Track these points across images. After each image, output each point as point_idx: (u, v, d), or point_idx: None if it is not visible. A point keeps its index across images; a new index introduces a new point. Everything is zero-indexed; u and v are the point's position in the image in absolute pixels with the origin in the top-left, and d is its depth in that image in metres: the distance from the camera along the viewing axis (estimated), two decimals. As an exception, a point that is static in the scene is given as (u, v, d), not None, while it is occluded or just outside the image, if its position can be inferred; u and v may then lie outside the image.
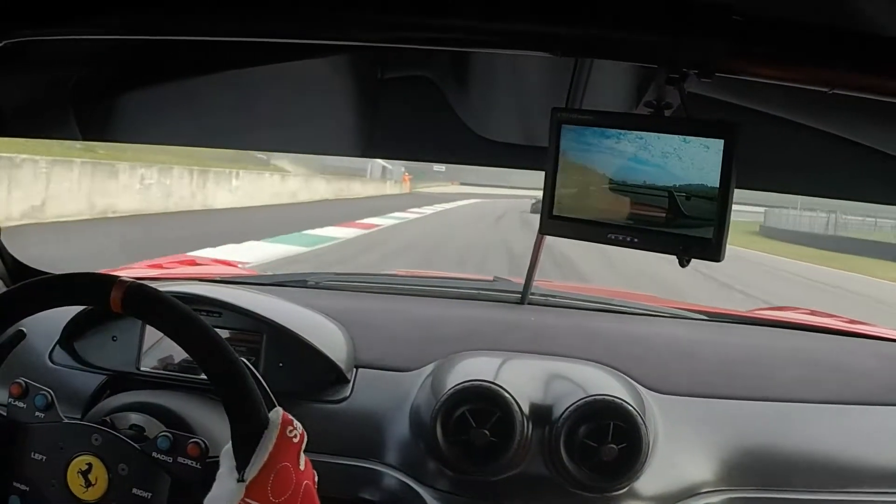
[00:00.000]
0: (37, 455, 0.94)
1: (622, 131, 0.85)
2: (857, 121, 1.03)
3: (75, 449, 0.94)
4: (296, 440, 0.88)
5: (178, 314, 0.88)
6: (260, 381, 0.94)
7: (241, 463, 0.85)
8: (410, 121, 1.28)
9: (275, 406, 0.91)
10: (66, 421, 0.96)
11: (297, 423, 0.88)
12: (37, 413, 0.96)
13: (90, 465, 0.93)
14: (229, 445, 0.88)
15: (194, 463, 0.93)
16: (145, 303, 0.89)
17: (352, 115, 1.27)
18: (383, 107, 1.22)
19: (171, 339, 0.90)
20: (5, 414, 0.96)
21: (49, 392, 0.96)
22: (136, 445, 0.94)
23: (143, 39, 0.93)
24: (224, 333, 1.36)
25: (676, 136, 0.82)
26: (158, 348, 1.39)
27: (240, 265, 2.32)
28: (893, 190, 1.22)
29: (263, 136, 1.37)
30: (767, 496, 1.26)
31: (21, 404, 0.96)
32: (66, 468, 0.93)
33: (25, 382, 0.97)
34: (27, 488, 0.94)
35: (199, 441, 0.94)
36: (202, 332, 0.88)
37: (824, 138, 1.11)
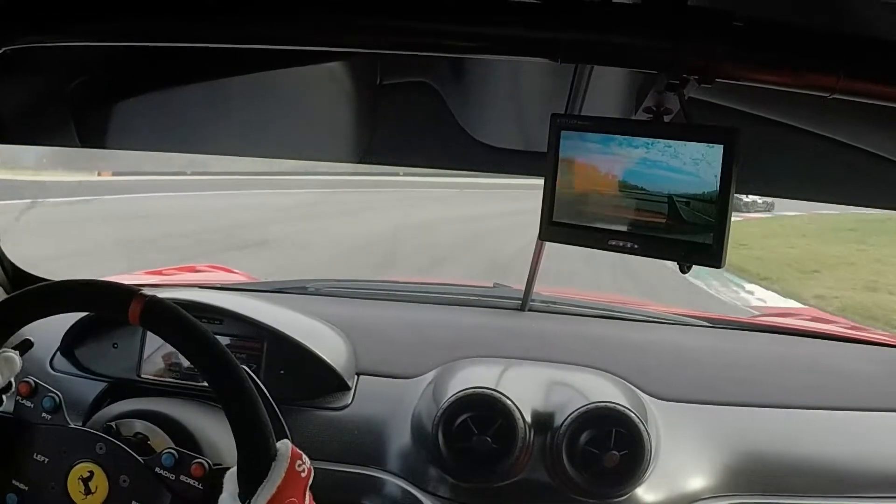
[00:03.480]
0: (39, 456, 0.94)
1: (622, 137, 0.85)
2: (858, 125, 1.03)
3: (79, 455, 0.93)
4: (304, 475, 0.87)
5: (195, 334, 0.88)
6: (273, 408, 0.94)
7: (247, 491, 0.84)
8: (410, 126, 1.28)
9: (285, 436, 0.91)
10: (71, 426, 0.96)
11: (305, 458, 0.88)
12: (43, 414, 0.96)
13: (92, 472, 0.93)
14: (234, 469, 0.87)
15: (196, 483, 0.93)
16: (163, 318, 0.88)
17: (351, 121, 1.27)
18: (382, 112, 1.22)
19: (185, 356, 0.90)
20: (11, 414, 0.96)
21: (57, 395, 0.96)
22: (139, 459, 0.94)
23: (142, 47, 0.93)
24: (225, 340, 1.36)
25: (676, 142, 0.82)
26: (159, 355, 1.39)
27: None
28: (894, 194, 1.22)
29: (262, 143, 1.37)
30: (769, 502, 1.25)
31: (28, 403, 0.96)
32: (67, 473, 0.93)
33: (35, 382, 0.97)
34: (26, 488, 0.94)
35: (204, 462, 0.93)
36: (218, 355, 0.87)
37: (825, 143, 1.11)
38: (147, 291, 0.89)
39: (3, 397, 0.98)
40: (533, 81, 1.10)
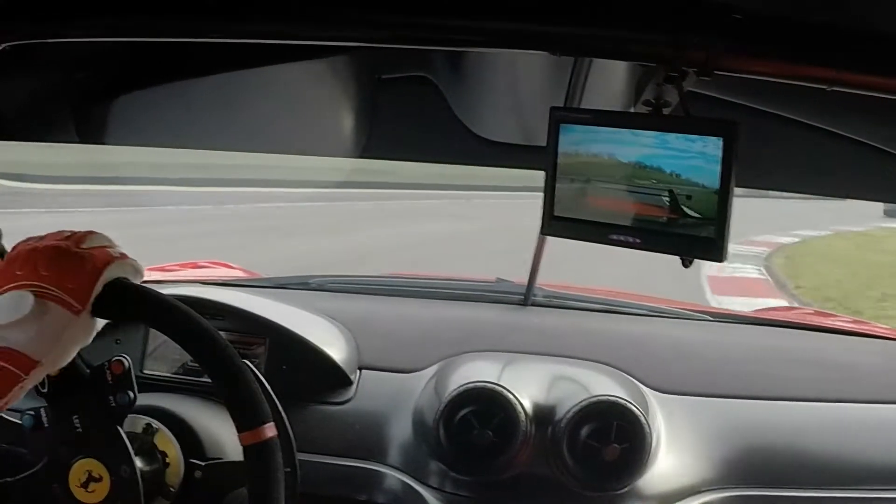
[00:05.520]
0: (77, 421, 0.91)
1: (621, 130, 0.85)
2: (858, 118, 1.03)
3: (105, 456, 0.92)
4: None
5: (273, 487, 0.82)
6: (275, 404, 0.93)
7: None
8: (409, 121, 1.27)
9: (287, 433, 0.92)
10: (120, 429, 0.93)
11: None
12: (111, 398, 0.91)
13: (101, 478, 0.92)
14: None
15: None
16: (264, 461, 0.82)
17: (350, 116, 1.27)
18: (381, 107, 1.22)
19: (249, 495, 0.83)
20: (87, 371, 0.92)
21: (135, 394, 0.92)
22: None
23: (141, 42, 0.93)
24: (227, 336, 1.37)
25: (676, 135, 0.81)
26: (162, 351, 1.40)
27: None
28: (894, 187, 1.22)
29: (262, 138, 1.37)
30: (770, 494, 1.26)
31: (110, 379, 0.91)
32: (81, 458, 0.92)
33: (130, 368, 0.92)
34: (46, 426, 0.92)
35: None
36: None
37: (825, 136, 1.10)
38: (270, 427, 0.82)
39: None
40: (532, 75, 1.09)
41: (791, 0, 0.75)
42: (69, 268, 0.78)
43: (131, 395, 0.92)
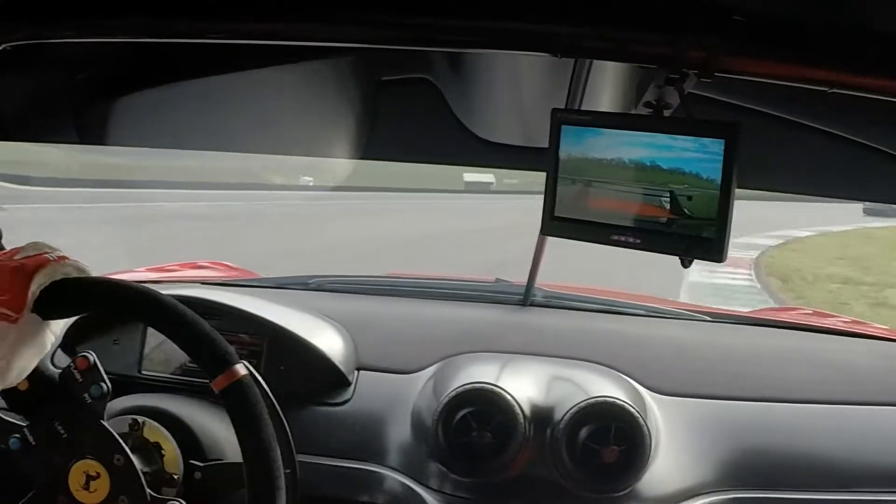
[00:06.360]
0: (60, 428, 0.92)
1: (622, 131, 0.85)
2: (859, 120, 1.03)
3: (96, 452, 0.92)
4: None
5: (265, 434, 0.82)
6: (273, 406, 0.93)
7: None
8: (410, 123, 1.28)
9: (286, 436, 0.92)
10: (104, 421, 0.94)
11: None
12: (85, 395, 0.93)
13: (99, 475, 0.92)
14: None
15: None
16: (243, 403, 0.82)
17: (351, 117, 1.27)
18: (382, 109, 1.22)
19: (241, 447, 0.83)
20: (56, 379, 0.94)
21: (107, 385, 0.93)
22: (148, 491, 0.94)
23: (142, 43, 0.93)
24: (226, 337, 1.37)
25: (677, 136, 0.82)
26: (160, 352, 1.40)
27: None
28: (894, 189, 1.22)
29: (263, 139, 1.37)
30: (769, 496, 1.26)
31: (79, 377, 0.93)
32: (77, 460, 0.92)
33: (94, 361, 0.93)
34: (34, 443, 0.93)
35: None
36: (272, 468, 0.82)
37: (825, 137, 1.11)
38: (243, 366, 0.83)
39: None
40: (533, 76, 1.09)
41: (792, 2, 0.76)
42: (1, 281, 0.83)
43: (104, 386, 0.94)
